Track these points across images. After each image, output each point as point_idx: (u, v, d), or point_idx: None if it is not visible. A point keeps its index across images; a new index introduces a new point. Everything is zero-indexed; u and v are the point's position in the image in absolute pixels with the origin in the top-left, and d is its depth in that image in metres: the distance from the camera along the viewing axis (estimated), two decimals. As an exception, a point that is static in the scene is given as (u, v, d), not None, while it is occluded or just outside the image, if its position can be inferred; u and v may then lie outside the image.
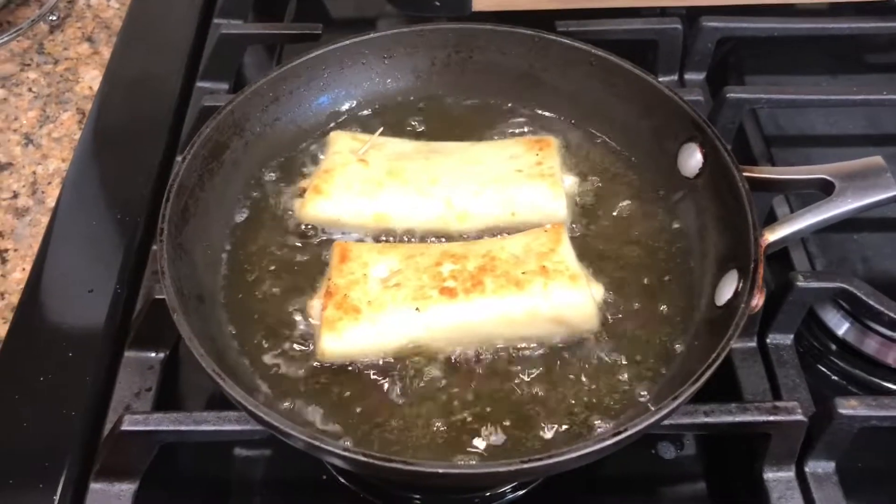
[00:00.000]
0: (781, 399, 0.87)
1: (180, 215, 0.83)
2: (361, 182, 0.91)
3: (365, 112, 1.01)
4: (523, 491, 0.85)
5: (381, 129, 0.96)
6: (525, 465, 0.66)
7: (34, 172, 1.10)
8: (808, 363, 0.94)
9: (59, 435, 0.83)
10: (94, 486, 0.81)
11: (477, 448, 0.76)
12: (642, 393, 0.80)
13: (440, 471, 0.66)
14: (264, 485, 0.88)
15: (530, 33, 0.98)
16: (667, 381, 0.80)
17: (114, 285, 0.94)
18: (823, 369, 0.96)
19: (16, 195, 1.07)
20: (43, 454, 0.82)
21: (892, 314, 0.86)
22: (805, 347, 0.96)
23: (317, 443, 0.67)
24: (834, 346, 0.97)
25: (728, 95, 1.05)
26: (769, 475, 0.82)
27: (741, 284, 0.78)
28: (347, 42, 0.97)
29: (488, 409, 0.78)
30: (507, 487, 0.84)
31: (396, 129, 0.99)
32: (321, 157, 0.96)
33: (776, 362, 0.91)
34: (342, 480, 0.85)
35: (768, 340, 0.91)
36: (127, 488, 0.81)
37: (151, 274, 0.96)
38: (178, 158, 1.05)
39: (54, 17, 1.27)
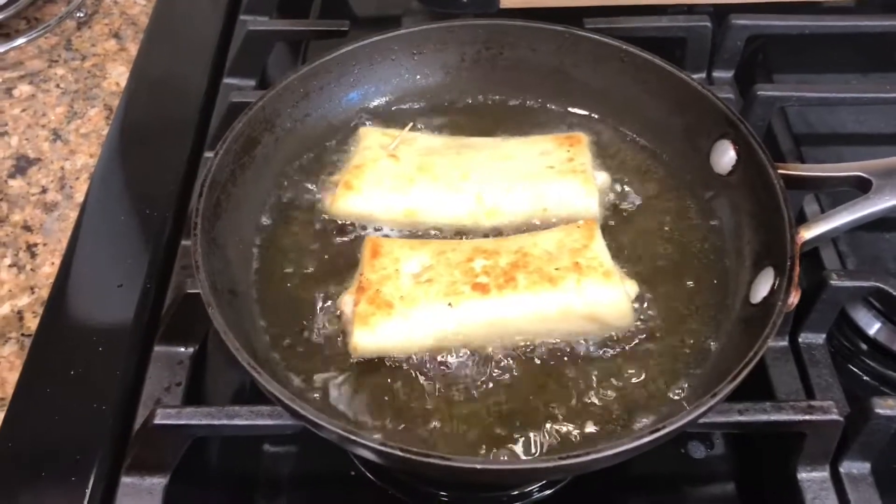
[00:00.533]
0: (815, 398, 0.86)
1: (213, 210, 0.83)
2: (392, 177, 0.90)
3: (394, 108, 1.01)
4: (551, 490, 0.84)
5: (411, 124, 0.96)
6: (563, 462, 0.65)
7: (62, 168, 1.10)
8: (839, 363, 0.93)
9: (91, 428, 0.83)
10: (126, 480, 0.81)
11: (510, 444, 0.75)
12: (676, 391, 0.79)
13: (478, 466, 0.66)
14: (292, 480, 0.88)
15: (561, 30, 0.98)
16: (701, 379, 0.79)
17: (143, 280, 0.94)
18: (854, 369, 0.95)
19: (44, 190, 1.08)
20: (74, 447, 0.82)
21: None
22: (836, 347, 0.95)
23: (353, 437, 0.67)
24: (865, 346, 0.96)
25: (759, 93, 1.04)
26: (803, 475, 0.82)
27: (777, 282, 0.78)
28: (377, 38, 0.97)
29: (521, 405, 0.78)
30: (535, 486, 0.84)
31: (426, 124, 0.99)
32: (352, 151, 0.96)
33: (808, 361, 0.90)
34: (370, 476, 0.85)
35: (800, 339, 0.90)
36: (158, 482, 0.81)
37: (181, 269, 0.96)
38: (209, 154, 1.06)
39: (81, 14, 1.27)
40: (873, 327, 0.95)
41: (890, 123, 1.14)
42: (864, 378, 0.94)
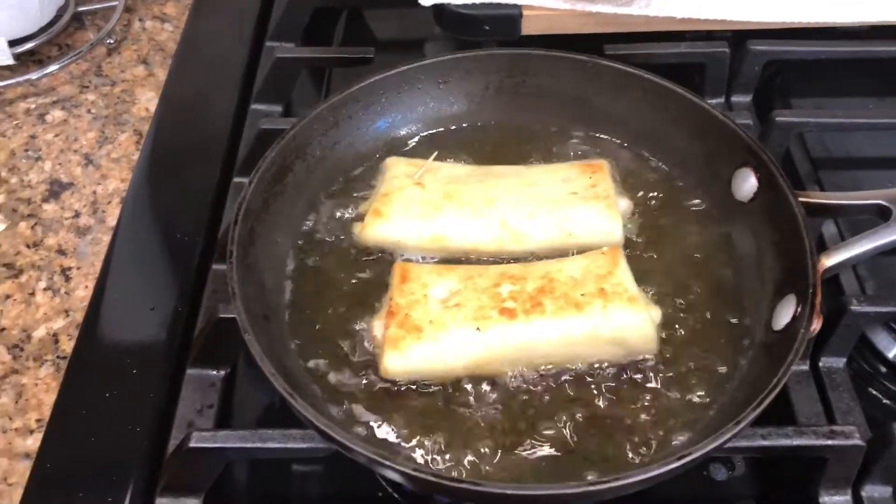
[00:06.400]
0: (836, 422, 0.88)
1: (247, 237, 0.85)
2: (419, 205, 0.92)
3: (420, 136, 1.03)
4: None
5: (436, 153, 0.98)
6: (592, 488, 0.67)
7: (94, 192, 1.13)
8: (859, 386, 0.94)
9: (125, 450, 0.85)
10: (160, 501, 0.83)
11: (538, 468, 0.77)
12: (701, 416, 0.80)
13: (508, 492, 0.67)
14: (321, 500, 0.90)
15: (583, 59, 1.00)
16: (724, 405, 0.81)
17: (174, 303, 0.96)
18: (874, 392, 0.96)
19: (77, 214, 1.10)
20: (109, 468, 0.84)
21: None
22: (855, 370, 0.96)
23: (386, 462, 0.69)
24: (884, 369, 0.97)
25: (777, 119, 1.06)
26: (825, 499, 0.83)
27: (799, 309, 0.79)
28: (404, 68, 0.99)
29: (549, 430, 0.80)
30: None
31: (451, 153, 1.01)
32: (379, 180, 0.98)
33: (829, 385, 0.91)
34: (397, 497, 0.87)
35: (821, 364, 0.92)
36: (192, 503, 0.83)
37: (212, 293, 0.98)
38: (238, 179, 1.08)
39: (111, 41, 1.31)
40: (893, 350, 0.96)
41: (908, 147, 1.15)
42: (885, 401, 0.95)
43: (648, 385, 0.83)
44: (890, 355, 0.96)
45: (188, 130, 1.16)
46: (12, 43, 1.23)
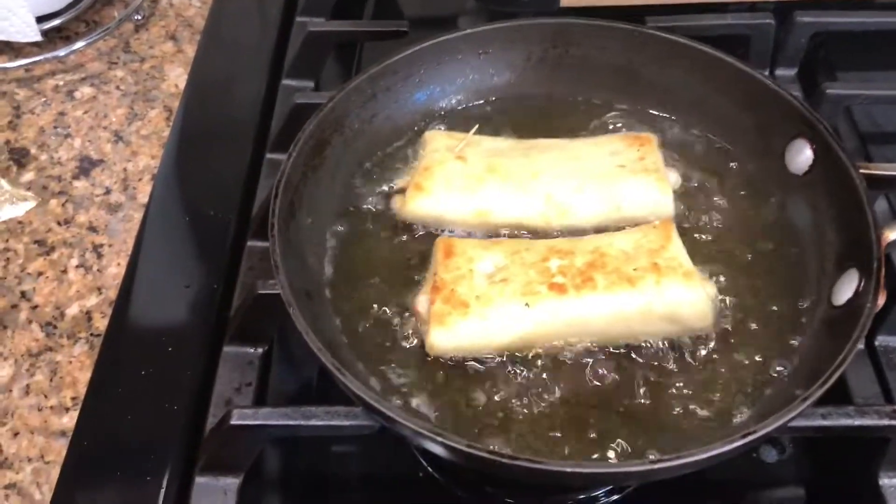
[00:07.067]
0: (894, 403, 0.85)
1: (288, 211, 0.83)
2: (462, 178, 0.90)
3: (461, 108, 1.00)
4: (618, 495, 0.83)
5: (477, 126, 0.95)
6: (654, 466, 0.65)
7: (125, 169, 1.11)
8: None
9: (163, 428, 0.83)
10: (200, 480, 0.81)
11: (592, 446, 0.75)
12: (759, 394, 0.78)
13: (567, 469, 0.65)
14: (361, 480, 0.88)
15: (629, 28, 0.97)
16: (785, 382, 0.78)
17: (210, 281, 0.94)
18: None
19: (108, 191, 1.08)
20: (147, 447, 0.82)
21: None
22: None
23: (439, 438, 0.67)
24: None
25: (827, 91, 1.03)
26: (885, 481, 0.80)
27: (862, 284, 0.76)
28: (444, 37, 0.96)
29: (601, 407, 0.77)
30: (602, 491, 0.83)
31: (493, 125, 0.99)
32: (420, 153, 0.95)
33: (886, 365, 0.88)
34: (437, 476, 0.85)
35: (877, 343, 0.89)
36: (232, 482, 0.80)
37: (248, 269, 0.96)
38: (271, 156, 1.06)
39: (139, 17, 1.28)
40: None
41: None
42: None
43: (705, 363, 0.80)
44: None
45: (219, 107, 1.14)
46: (40, 19, 1.21)
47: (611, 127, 0.99)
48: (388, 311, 0.84)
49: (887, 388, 0.86)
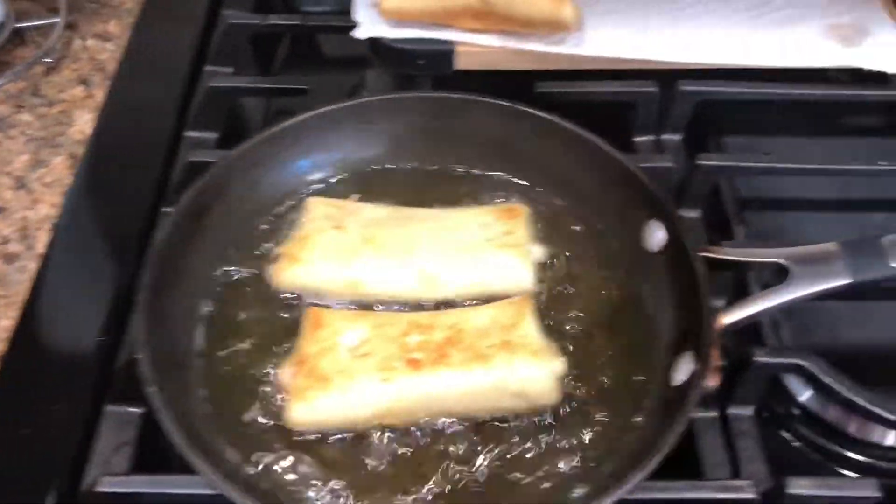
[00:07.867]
0: (740, 470, 0.90)
1: (159, 280, 0.86)
2: (336, 249, 0.93)
3: (342, 177, 1.04)
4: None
5: (358, 195, 0.99)
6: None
7: (25, 217, 1.12)
8: (771, 430, 0.96)
9: (40, 487, 0.86)
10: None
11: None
12: (599, 471, 0.82)
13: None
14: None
15: (506, 104, 1.01)
16: (626, 457, 0.83)
17: (97, 335, 0.97)
18: (786, 435, 0.98)
19: (6, 240, 1.10)
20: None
21: (846, 394, 0.88)
22: (768, 413, 0.98)
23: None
24: (797, 412, 0.99)
25: (700, 163, 1.07)
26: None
27: (696, 368, 0.81)
28: (327, 108, 1.00)
29: (454, 481, 0.81)
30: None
31: (375, 193, 1.02)
32: (300, 221, 0.98)
33: (736, 433, 0.93)
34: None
35: (728, 412, 0.94)
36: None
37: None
38: (167, 210, 1.08)
39: (50, 60, 1.29)
40: (804, 394, 0.98)
41: (834, 189, 1.17)
42: (796, 444, 0.97)
43: (549, 437, 0.84)
44: (802, 399, 0.98)
45: (123, 156, 1.16)
46: (-52, 61, 1.22)
47: (489, 198, 1.03)
48: (256, 382, 0.87)
49: (735, 455, 0.91)
